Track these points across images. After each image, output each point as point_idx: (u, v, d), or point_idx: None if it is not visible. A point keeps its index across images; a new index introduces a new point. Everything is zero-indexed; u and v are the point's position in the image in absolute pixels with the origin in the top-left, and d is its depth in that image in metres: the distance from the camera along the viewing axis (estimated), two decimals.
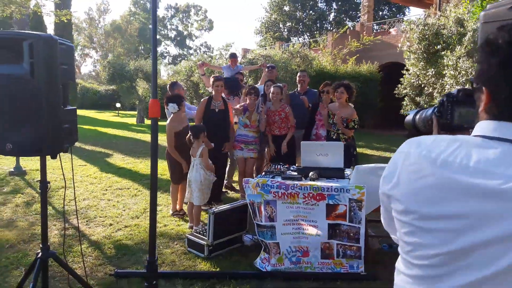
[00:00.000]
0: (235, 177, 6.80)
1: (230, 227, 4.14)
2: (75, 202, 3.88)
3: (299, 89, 6.12)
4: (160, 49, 56.05)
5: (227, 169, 6.60)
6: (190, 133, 4.74)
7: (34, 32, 2.39)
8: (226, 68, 7.23)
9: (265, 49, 16.34)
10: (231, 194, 6.49)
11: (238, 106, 5.67)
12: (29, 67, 2.34)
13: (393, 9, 36.04)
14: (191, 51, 58.44)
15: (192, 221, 4.83)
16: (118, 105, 26.46)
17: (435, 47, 7.83)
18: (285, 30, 36.95)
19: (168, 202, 5.94)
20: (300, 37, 36.83)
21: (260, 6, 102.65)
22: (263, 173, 4.15)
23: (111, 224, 4.98)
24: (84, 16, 48.78)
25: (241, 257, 4.06)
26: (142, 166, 8.84)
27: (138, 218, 5.24)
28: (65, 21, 14.37)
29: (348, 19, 36.99)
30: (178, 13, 56.59)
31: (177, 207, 5.37)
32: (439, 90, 8.15)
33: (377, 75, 16.00)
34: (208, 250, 3.96)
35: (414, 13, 55.35)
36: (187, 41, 57.96)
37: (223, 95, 5.76)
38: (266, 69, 6.32)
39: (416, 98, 8.94)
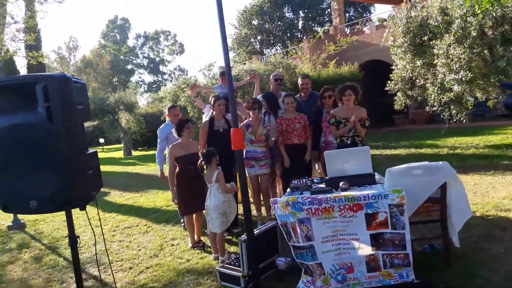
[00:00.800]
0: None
1: (263, 253, 3.89)
2: (95, 250, 3.57)
3: (302, 95, 5.90)
4: (134, 78, 55.69)
5: None
6: (201, 159, 4.49)
7: (46, 74, 2.16)
8: (218, 88, 7.02)
9: (244, 64, 16.20)
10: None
11: (241, 124, 5.45)
12: (46, 112, 2.10)
13: (359, 9, 36.63)
14: (165, 76, 58.26)
15: (216, 251, 4.55)
16: (101, 140, 25.93)
17: (422, 38, 7.81)
18: (257, 43, 37.13)
19: (183, 234, 5.65)
20: (272, 48, 37.06)
21: (229, 24, 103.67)
22: (288, 190, 3.92)
23: (131, 268, 4.66)
24: (54, 55, 48.02)
25: (280, 283, 3.81)
26: (144, 200, 8.50)
27: (157, 256, 4.93)
28: (35, 63, 13.99)
29: (316, 25, 37.43)
30: (148, 41, 56.43)
31: (195, 238, 5.08)
32: (432, 80, 8.12)
33: (359, 75, 16.00)
34: (245, 282, 3.69)
35: (380, 10, 56.54)
36: (161, 67, 57.76)
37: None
38: (274, 81, 6.08)
39: (408, 92, 8.90)
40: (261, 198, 5.55)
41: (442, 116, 8.38)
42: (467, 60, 6.94)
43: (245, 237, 3.69)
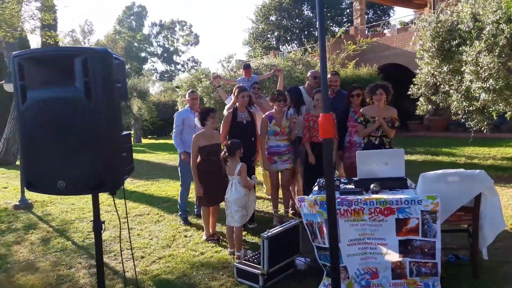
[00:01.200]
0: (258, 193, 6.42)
1: (284, 252, 3.76)
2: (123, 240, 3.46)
3: (330, 93, 5.72)
4: (146, 66, 55.71)
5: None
6: (225, 151, 4.37)
7: (87, 47, 2.04)
8: (241, 80, 6.90)
9: (263, 58, 16.04)
10: (265, 214, 6.08)
11: (263, 116, 5.33)
12: (84, 88, 1.97)
13: (378, 12, 36.21)
14: (178, 67, 58.25)
15: (232, 246, 4.43)
16: None
17: (451, 43, 7.58)
18: (274, 39, 36.87)
19: (197, 226, 5.55)
20: (289, 45, 36.80)
21: (246, 18, 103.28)
22: (315, 188, 3.79)
23: (142, 257, 4.56)
24: (68, 39, 48.14)
25: (300, 284, 3.68)
26: (155, 188, 8.41)
27: (170, 247, 4.82)
28: (52, 42, 13.94)
29: (334, 25, 37.09)
30: (163, 30, 56.39)
31: (210, 231, 4.97)
32: (456, 87, 7.91)
33: (377, 77, 15.75)
34: (263, 280, 3.57)
35: (400, 14, 55.84)
36: (174, 57, 57.73)
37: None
38: (313, 79, 5.88)
39: (431, 97, 8.70)
40: (279, 195, 5.43)
41: (467, 125, 8.17)
42: (497, 68, 6.73)
43: (268, 233, 3.58)
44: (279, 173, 5.30)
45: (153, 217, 6.18)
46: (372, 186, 3.51)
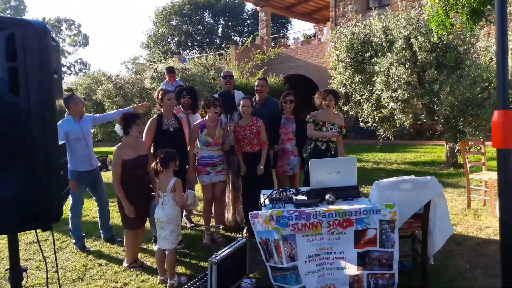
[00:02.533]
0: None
1: (232, 275, 3.36)
2: None
3: (257, 99, 5.45)
4: None
5: None
6: (158, 162, 3.80)
7: (16, 17, 1.43)
8: (164, 85, 6.30)
9: (169, 61, 15.32)
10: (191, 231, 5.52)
11: (195, 123, 4.86)
12: (8, 77, 1.37)
13: (277, 25, 37.62)
14: (64, 69, 53.52)
15: (163, 273, 3.85)
16: None
17: (364, 55, 7.97)
18: (174, 44, 35.95)
19: (112, 251, 4.78)
20: (190, 51, 36.21)
21: (143, 20, 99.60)
22: (266, 202, 3.45)
23: None
24: None
25: None
26: None
27: (83, 280, 3.99)
28: None
29: (236, 34, 37.55)
30: None
31: (133, 256, 4.29)
32: (367, 97, 8.32)
33: (284, 87, 16.19)
34: None
35: (297, 28, 58.68)
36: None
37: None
38: (223, 79, 5.51)
39: (343, 106, 9.04)
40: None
41: (376, 132, 8.63)
42: (406, 80, 7.21)
43: (217, 257, 3.14)
44: (213, 186, 4.86)
45: (56, 243, 5.21)
46: (327, 196, 3.30)
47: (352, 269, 3.17)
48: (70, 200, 4.85)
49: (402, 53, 7.18)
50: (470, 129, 6.59)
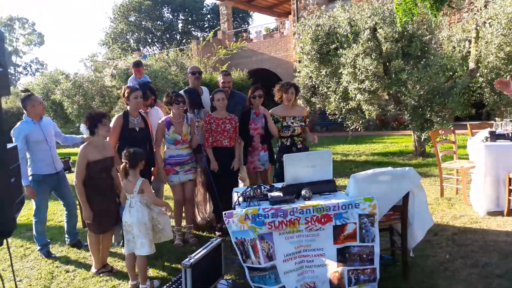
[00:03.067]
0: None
1: (207, 278, 3.18)
2: None
3: None
4: None
5: None
6: (126, 162, 3.55)
7: None
8: (132, 81, 5.98)
9: (130, 58, 14.78)
10: None
11: (160, 121, 4.61)
12: None
13: (238, 19, 37.35)
14: (19, 69, 51.05)
15: (134, 278, 3.64)
16: None
17: (330, 46, 7.93)
18: (133, 40, 34.99)
19: (79, 256, 4.52)
20: (150, 47, 35.36)
21: (100, 17, 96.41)
22: (239, 199, 3.29)
23: None
24: None
25: None
26: None
27: None
28: None
29: (196, 29, 36.98)
30: None
31: (101, 260, 4.04)
32: (334, 89, 8.31)
33: (248, 82, 16.07)
34: None
35: (259, 22, 58.23)
36: (14, 58, 50.34)
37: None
38: (191, 75, 5.27)
39: (311, 99, 9.00)
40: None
41: (344, 124, 8.65)
42: (373, 71, 7.23)
43: (191, 260, 2.95)
44: (182, 185, 4.64)
45: (17, 251, 4.88)
46: (303, 192, 3.18)
47: (332, 266, 3.07)
48: (33, 205, 4.58)
49: (367, 44, 7.19)
50: (438, 118, 6.68)
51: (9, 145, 1.45)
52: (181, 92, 5.04)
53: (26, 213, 6.65)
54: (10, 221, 1.30)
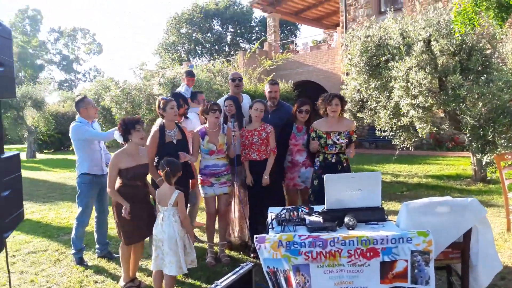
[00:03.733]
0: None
1: None
2: None
3: (270, 105, 4.93)
4: (43, 74, 50.54)
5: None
6: (167, 169, 3.38)
7: None
8: (186, 91, 5.95)
9: (181, 65, 14.97)
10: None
11: (195, 131, 4.43)
12: None
13: (285, 31, 37.28)
14: (79, 76, 54.06)
15: None
16: None
17: (380, 59, 7.47)
18: (184, 51, 35.93)
19: (109, 266, 4.39)
20: (199, 58, 36.13)
21: (154, 29, 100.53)
22: (272, 221, 2.97)
23: None
24: None
25: None
26: (54, 215, 6.90)
27: None
28: None
29: (244, 41, 37.35)
30: (63, 37, 51.90)
31: (130, 274, 3.86)
32: (384, 103, 7.80)
33: (292, 93, 15.76)
34: None
35: (306, 34, 57.78)
36: (74, 65, 53.36)
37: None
38: (231, 81, 5.08)
39: (357, 113, 8.52)
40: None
41: (393, 142, 8.10)
42: (427, 86, 6.69)
43: (217, 286, 2.67)
44: (216, 199, 4.40)
45: (52, 255, 4.86)
46: (346, 219, 2.82)
47: None
48: (77, 207, 4.56)
49: (421, 57, 6.67)
50: (502, 141, 6.00)
51: (7, 154, 1.25)
52: (221, 100, 4.86)
53: (67, 216, 6.72)
54: None
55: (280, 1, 19.16)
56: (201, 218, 5.88)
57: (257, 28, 37.21)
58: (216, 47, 36.31)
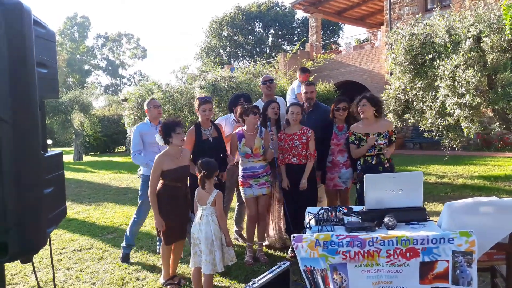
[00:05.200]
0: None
1: None
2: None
3: (306, 106, 4.92)
4: (90, 79, 52.99)
5: (234, 213, 5.35)
6: (203, 172, 3.48)
7: None
8: (297, 87, 5.76)
9: (222, 68, 15.23)
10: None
11: (233, 133, 4.50)
12: None
13: (328, 32, 36.93)
14: (124, 80, 56.13)
15: None
16: (49, 141, 23.80)
17: (425, 57, 7.23)
18: (225, 54, 36.40)
19: (151, 264, 4.55)
20: (240, 61, 36.47)
21: (196, 33, 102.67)
22: (311, 222, 2.98)
23: None
24: None
25: None
26: (98, 215, 7.22)
27: None
28: None
29: (285, 43, 37.33)
30: (109, 42, 54.14)
31: (170, 272, 3.99)
32: (429, 103, 7.54)
33: (334, 94, 15.57)
34: None
35: (349, 34, 56.80)
36: (120, 70, 55.50)
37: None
38: (262, 84, 5.11)
39: (403, 115, 8.29)
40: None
41: (441, 142, 7.81)
42: (475, 84, 6.41)
43: (254, 284, 2.71)
44: (256, 200, 4.45)
45: (96, 252, 5.08)
46: (386, 219, 2.77)
47: None
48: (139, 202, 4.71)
49: (469, 54, 6.39)
50: None
51: (51, 152, 1.35)
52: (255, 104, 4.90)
53: (111, 216, 7.02)
54: (40, 235, 1.19)
55: (323, 1, 18.99)
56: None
57: (299, 30, 37.11)
58: (257, 49, 36.53)
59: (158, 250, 4.80)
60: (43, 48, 1.25)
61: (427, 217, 2.90)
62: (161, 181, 3.74)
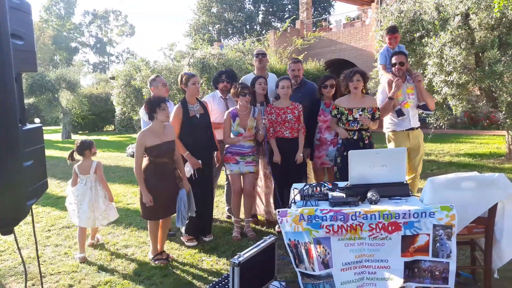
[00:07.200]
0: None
1: (257, 278, 2.98)
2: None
3: (293, 83, 4.89)
4: (77, 57, 51.98)
5: (224, 191, 5.37)
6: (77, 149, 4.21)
7: None
8: (384, 52, 5.02)
9: (211, 46, 15.01)
10: (221, 223, 5.22)
11: (226, 113, 4.49)
12: None
13: (319, 9, 36.49)
14: (112, 58, 55.20)
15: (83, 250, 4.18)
16: (37, 120, 23.47)
17: (414, 35, 7.23)
18: (215, 31, 35.86)
19: (139, 241, 4.59)
20: (230, 38, 35.99)
21: (186, 9, 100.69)
22: (296, 197, 3.02)
23: (70, 286, 3.54)
24: None
25: None
26: None
27: (106, 270, 3.83)
28: None
29: (276, 20, 36.86)
30: (96, 19, 52.92)
31: (158, 247, 4.04)
32: None
33: (324, 72, 15.53)
34: None
35: (340, 11, 56.16)
36: (108, 48, 54.47)
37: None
38: (255, 57, 5.07)
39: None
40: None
41: (427, 120, 7.88)
42: (462, 62, 6.44)
43: (240, 258, 2.76)
44: (241, 176, 4.49)
45: None
46: (369, 194, 2.82)
47: (397, 281, 2.69)
48: None
49: (457, 32, 6.40)
50: None
51: (31, 125, 1.34)
52: (246, 77, 4.88)
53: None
54: (20, 207, 1.20)
55: None
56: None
57: (289, 6, 36.58)
58: (247, 26, 36.01)
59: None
60: (18, 20, 1.23)
61: (410, 192, 2.96)
62: (146, 158, 3.75)
